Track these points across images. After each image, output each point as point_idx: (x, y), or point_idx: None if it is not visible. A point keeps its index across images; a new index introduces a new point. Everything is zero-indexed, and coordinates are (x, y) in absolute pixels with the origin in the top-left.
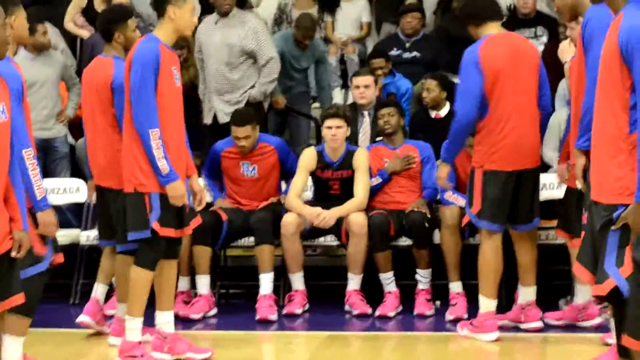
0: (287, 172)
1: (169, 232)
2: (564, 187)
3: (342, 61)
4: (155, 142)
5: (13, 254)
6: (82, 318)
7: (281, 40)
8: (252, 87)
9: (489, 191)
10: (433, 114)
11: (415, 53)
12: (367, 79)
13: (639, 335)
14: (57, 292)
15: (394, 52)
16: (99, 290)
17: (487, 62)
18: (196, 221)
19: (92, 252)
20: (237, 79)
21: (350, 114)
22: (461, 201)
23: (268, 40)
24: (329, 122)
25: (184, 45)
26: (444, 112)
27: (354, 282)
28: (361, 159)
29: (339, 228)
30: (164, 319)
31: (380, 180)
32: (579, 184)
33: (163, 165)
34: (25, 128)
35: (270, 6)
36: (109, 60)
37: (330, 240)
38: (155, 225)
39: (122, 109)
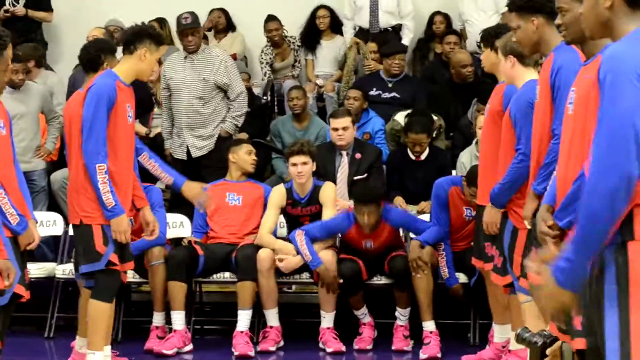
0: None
1: (125, 267)
2: None
3: (320, 99)
4: (102, 177)
5: None
6: None
7: (279, 124)
8: (222, 121)
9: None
10: (413, 155)
11: (394, 93)
12: (345, 121)
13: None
14: (32, 325)
15: (373, 92)
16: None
17: None
18: (130, 264)
19: (68, 286)
20: (209, 113)
21: (327, 153)
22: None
23: (237, 75)
24: (294, 159)
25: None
26: (424, 155)
27: (326, 319)
28: (327, 194)
29: None
30: (82, 343)
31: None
32: (527, 224)
33: (108, 199)
34: None
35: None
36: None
37: (305, 277)
38: (113, 257)
39: None
